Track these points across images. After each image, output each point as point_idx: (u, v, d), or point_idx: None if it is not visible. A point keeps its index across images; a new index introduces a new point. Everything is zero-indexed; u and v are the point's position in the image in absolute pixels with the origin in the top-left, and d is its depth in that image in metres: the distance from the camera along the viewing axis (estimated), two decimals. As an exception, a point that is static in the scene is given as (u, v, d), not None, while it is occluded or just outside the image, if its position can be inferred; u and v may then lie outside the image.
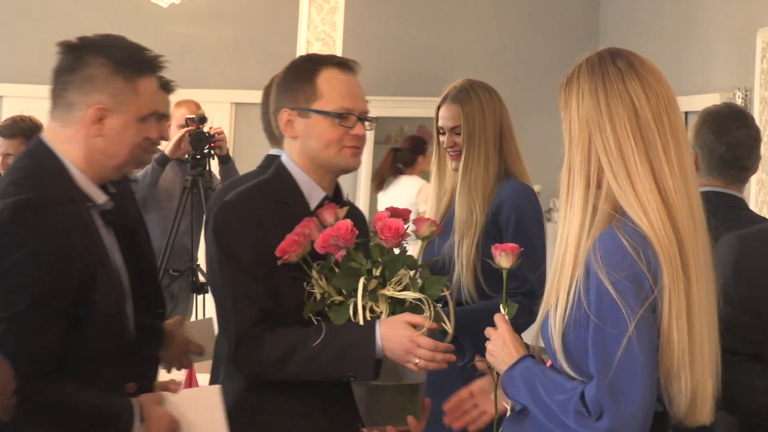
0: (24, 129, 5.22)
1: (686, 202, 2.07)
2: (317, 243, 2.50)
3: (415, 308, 2.52)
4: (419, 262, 2.62)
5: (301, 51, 7.66)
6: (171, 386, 2.46)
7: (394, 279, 2.52)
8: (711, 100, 7.40)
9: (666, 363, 2.04)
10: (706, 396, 2.10)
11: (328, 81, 2.60)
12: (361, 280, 2.49)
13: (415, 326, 2.48)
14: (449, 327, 2.53)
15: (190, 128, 5.53)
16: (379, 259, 2.53)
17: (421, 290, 2.52)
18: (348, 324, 2.50)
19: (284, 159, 2.69)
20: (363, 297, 2.48)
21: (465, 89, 3.52)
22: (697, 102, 7.48)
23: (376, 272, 2.52)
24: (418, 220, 2.71)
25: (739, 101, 7.19)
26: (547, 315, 2.12)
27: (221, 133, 5.58)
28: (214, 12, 8.82)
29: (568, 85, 2.15)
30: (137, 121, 2.36)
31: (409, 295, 2.50)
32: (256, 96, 3.76)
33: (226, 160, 5.63)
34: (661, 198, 2.04)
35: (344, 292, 2.52)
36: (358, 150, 2.64)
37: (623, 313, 1.98)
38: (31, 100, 8.64)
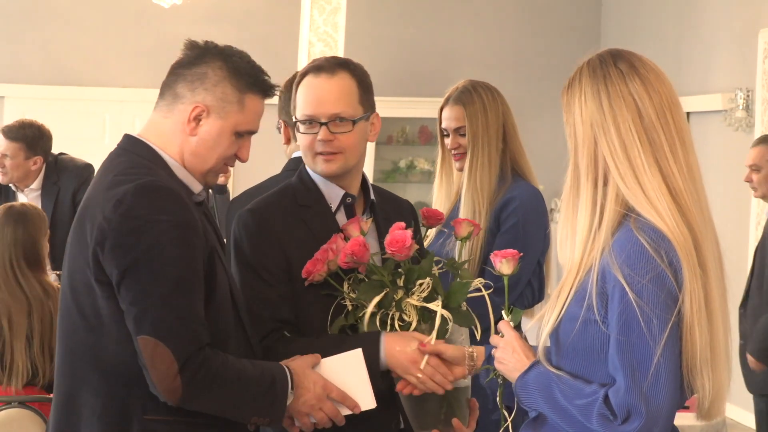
0: (27, 136, 5.21)
1: (696, 200, 2.07)
2: (339, 260, 2.48)
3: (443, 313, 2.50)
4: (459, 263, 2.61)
5: (303, 52, 7.66)
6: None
7: (416, 288, 2.50)
8: (712, 100, 7.41)
9: (689, 360, 2.04)
10: (724, 391, 2.11)
11: (301, 89, 2.59)
12: (383, 292, 2.47)
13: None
14: (477, 332, 2.50)
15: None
16: (400, 270, 2.51)
17: (447, 297, 2.50)
18: (355, 335, 2.49)
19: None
20: (389, 307, 2.48)
21: (467, 90, 3.52)
22: (698, 103, 7.48)
23: (400, 282, 2.50)
24: (456, 222, 2.70)
25: (740, 102, 7.19)
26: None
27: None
28: (216, 13, 8.83)
29: (570, 89, 2.14)
30: (233, 133, 2.36)
31: (433, 308, 2.48)
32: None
33: (221, 191, 5.64)
34: (671, 196, 2.04)
35: None
36: (329, 156, 2.55)
37: (652, 321, 1.98)
38: (33, 101, 8.72)
